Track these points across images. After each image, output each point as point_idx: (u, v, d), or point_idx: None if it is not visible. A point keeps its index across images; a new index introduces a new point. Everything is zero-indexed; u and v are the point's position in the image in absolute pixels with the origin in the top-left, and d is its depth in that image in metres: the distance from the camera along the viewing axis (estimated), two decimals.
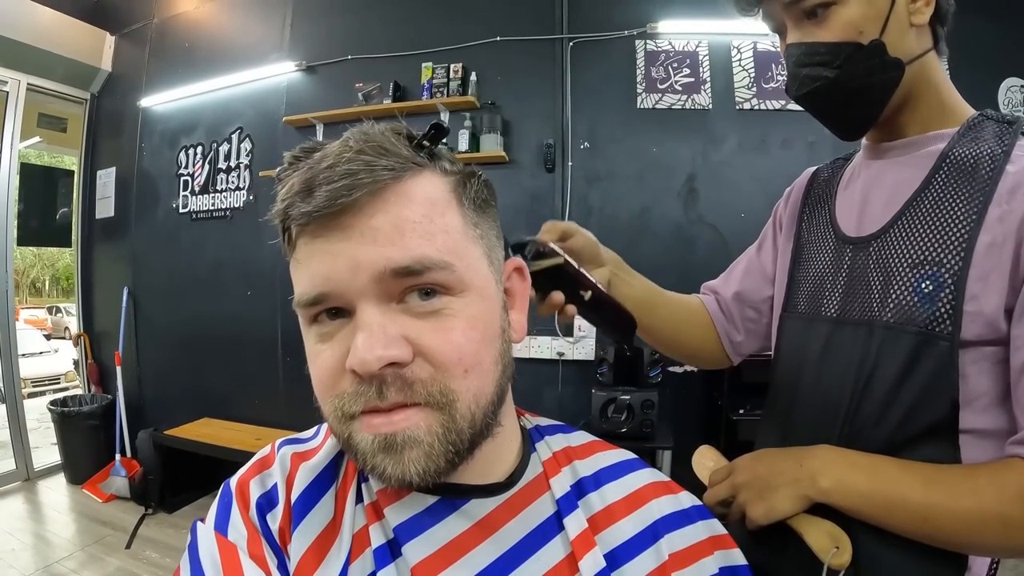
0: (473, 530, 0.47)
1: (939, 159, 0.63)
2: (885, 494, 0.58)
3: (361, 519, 0.47)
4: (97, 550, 2.68)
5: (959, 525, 0.54)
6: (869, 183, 0.72)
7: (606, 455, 0.58)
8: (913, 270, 0.61)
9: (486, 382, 0.44)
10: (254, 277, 3.26)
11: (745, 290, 0.91)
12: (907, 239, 0.63)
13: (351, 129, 0.43)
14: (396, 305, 0.41)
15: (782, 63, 2.77)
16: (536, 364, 2.74)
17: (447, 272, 0.41)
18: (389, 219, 0.40)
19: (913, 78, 0.64)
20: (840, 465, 0.61)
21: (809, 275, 0.77)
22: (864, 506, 0.59)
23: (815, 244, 0.78)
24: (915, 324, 0.60)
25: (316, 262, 0.41)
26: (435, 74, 2.86)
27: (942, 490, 0.56)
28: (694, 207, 2.66)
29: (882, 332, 0.63)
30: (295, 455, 0.50)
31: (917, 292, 0.60)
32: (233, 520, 0.45)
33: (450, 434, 0.41)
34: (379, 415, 0.40)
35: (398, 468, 0.40)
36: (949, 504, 0.55)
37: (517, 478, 0.51)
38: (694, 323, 0.93)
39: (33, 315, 15.95)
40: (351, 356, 0.39)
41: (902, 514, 0.57)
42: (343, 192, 0.38)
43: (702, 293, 0.98)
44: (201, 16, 3.53)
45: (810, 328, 0.75)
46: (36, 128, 3.97)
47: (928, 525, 0.56)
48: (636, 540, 0.51)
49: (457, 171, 0.46)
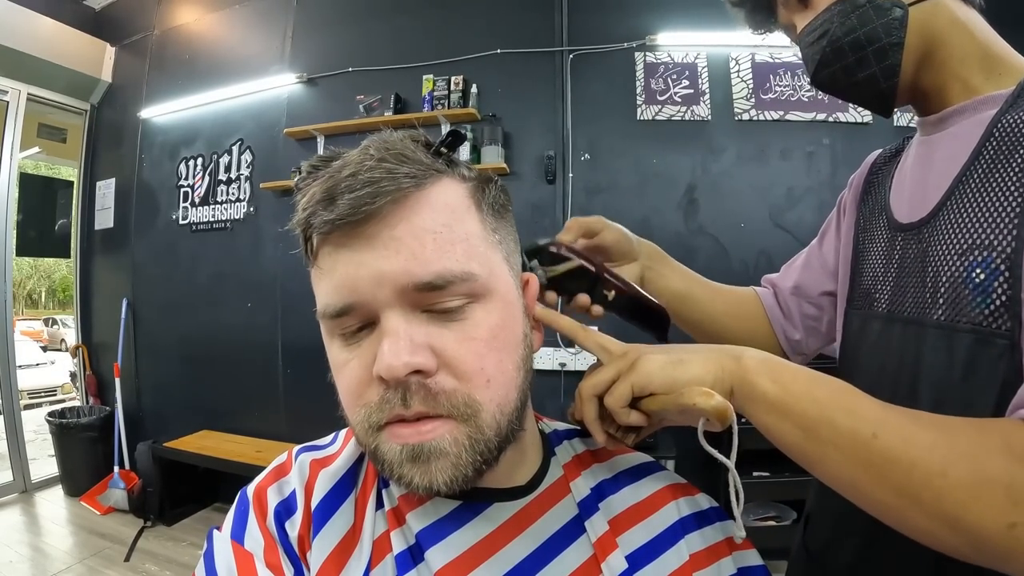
0: (496, 534, 0.47)
1: (988, 127, 0.54)
2: (831, 393, 0.44)
3: (382, 525, 0.47)
4: (96, 563, 2.65)
5: (918, 457, 0.39)
6: (919, 162, 0.64)
7: (625, 458, 0.58)
8: (963, 257, 0.53)
9: (509, 389, 0.44)
10: (254, 289, 3.26)
11: (803, 283, 0.84)
12: (956, 223, 0.55)
13: (370, 137, 0.43)
14: (420, 312, 0.41)
15: (779, 74, 2.75)
16: (538, 375, 2.72)
17: (470, 283, 0.41)
18: (411, 229, 0.40)
19: (927, 23, 0.57)
20: (780, 360, 0.48)
21: (866, 267, 0.70)
22: (796, 401, 0.44)
23: (870, 233, 0.71)
24: (968, 320, 0.51)
25: (340, 272, 0.41)
26: (436, 86, 2.87)
27: (903, 414, 0.43)
28: (694, 218, 2.67)
29: (933, 332, 0.55)
30: (314, 461, 0.50)
31: (968, 282, 0.51)
32: (250, 528, 0.45)
33: (477, 444, 0.42)
34: (406, 425, 0.41)
35: (425, 478, 0.41)
36: (912, 428, 0.41)
37: (538, 481, 0.52)
38: (744, 316, 0.86)
39: (30, 327, 15.84)
40: (378, 362, 0.39)
41: (848, 422, 0.42)
42: (367, 200, 0.38)
43: (761, 285, 0.91)
44: (202, 28, 3.55)
45: (864, 326, 0.68)
46: (36, 138, 3.97)
47: (874, 446, 0.41)
48: (657, 541, 0.51)
49: (474, 177, 0.47)
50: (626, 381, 0.48)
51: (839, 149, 2.57)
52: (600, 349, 0.52)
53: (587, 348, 0.53)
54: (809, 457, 0.44)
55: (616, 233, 0.73)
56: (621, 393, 0.48)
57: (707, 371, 0.47)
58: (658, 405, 0.47)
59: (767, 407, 0.45)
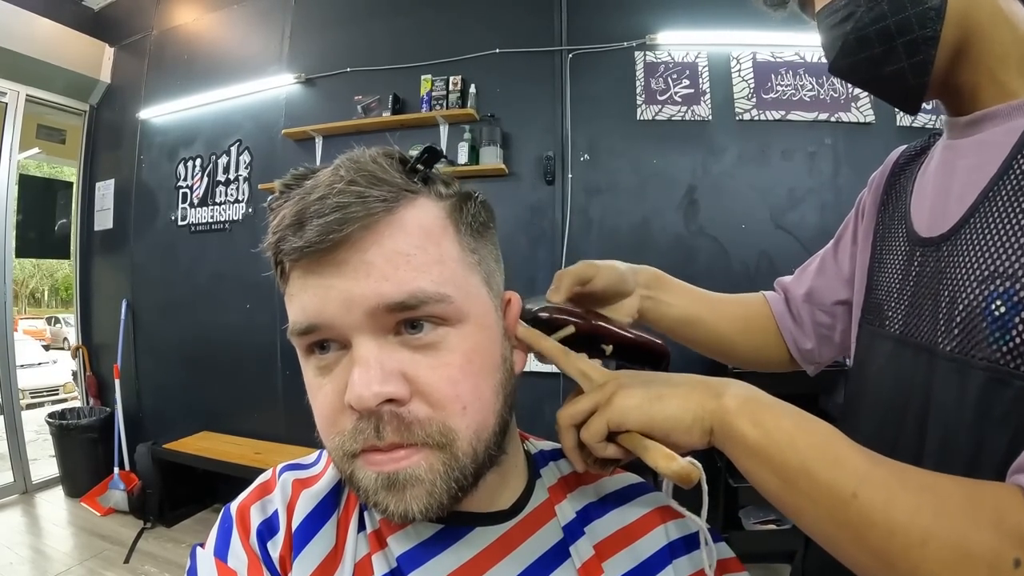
0: (478, 559, 0.46)
1: (1022, 138, 0.48)
2: (815, 443, 0.41)
3: (363, 548, 0.47)
4: (95, 564, 2.66)
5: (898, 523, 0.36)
6: (942, 168, 0.58)
7: (612, 480, 0.57)
8: (982, 285, 0.47)
9: (487, 415, 0.43)
10: (253, 290, 3.25)
11: (817, 290, 0.79)
12: (978, 245, 0.49)
13: (342, 156, 0.42)
14: (393, 337, 0.40)
15: (781, 73, 2.69)
16: (536, 377, 2.72)
17: (444, 304, 0.40)
18: (383, 252, 0.39)
19: (967, 14, 0.50)
20: (763, 401, 0.44)
21: (881, 280, 0.65)
22: (776, 448, 0.41)
23: (888, 243, 0.65)
24: (983, 356, 0.46)
25: (308, 297, 0.40)
26: (434, 86, 2.86)
27: (890, 471, 0.39)
28: (695, 219, 2.66)
29: (944, 364, 0.50)
30: (296, 481, 0.50)
31: (987, 315, 0.46)
32: (233, 546, 0.44)
33: (452, 471, 0.41)
34: (380, 453, 0.40)
35: (400, 505, 0.40)
36: (896, 489, 0.37)
37: (522, 505, 0.51)
38: (752, 331, 0.83)
39: (32, 326, 15.89)
40: (348, 392, 0.38)
41: (828, 476, 0.38)
42: (335, 227, 0.37)
43: (773, 289, 0.87)
44: (200, 28, 3.54)
45: (872, 344, 0.64)
46: (35, 139, 3.96)
47: (852, 506, 0.37)
48: (645, 567, 0.50)
49: (452, 193, 0.45)
50: (601, 417, 0.46)
51: (841, 149, 2.54)
52: (581, 376, 0.50)
53: (568, 373, 0.51)
54: (787, 507, 0.41)
55: (608, 275, 0.68)
56: (596, 429, 0.46)
57: (685, 410, 0.44)
58: (631, 444, 0.45)
59: (746, 451, 0.42)
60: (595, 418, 0.46)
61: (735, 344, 0.82)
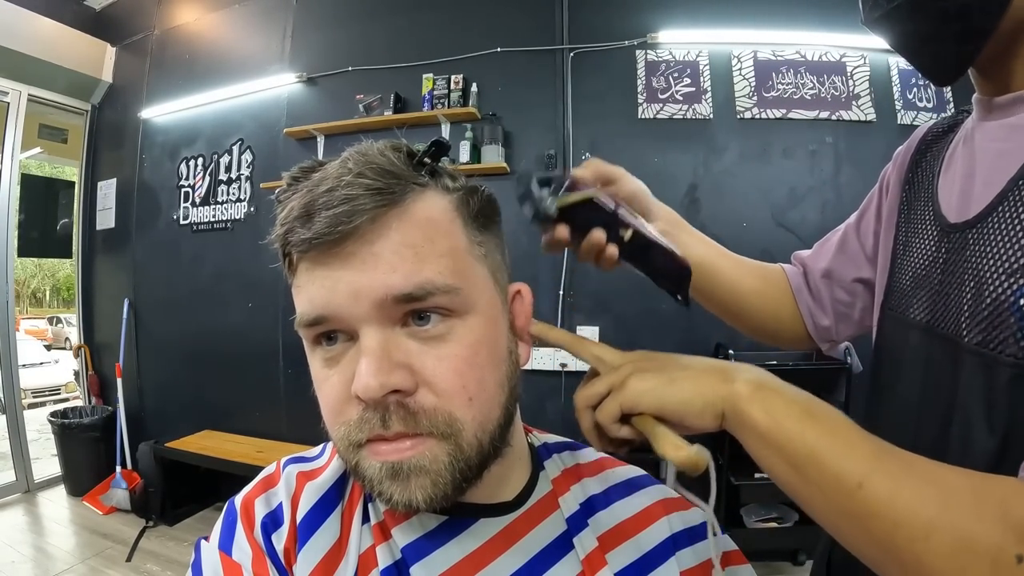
0: (482, 550, 0.47)
1: None
2: (824, 431, 0.40)
3: (368, 539, 0.47)
4: (98, 563, 2.66)
5: (903, 516, 0.36)
6: (973, 151, 0.55)
7: (616, 472, 0.58)
8: (1011, 278, 0.46)
9: (492, 407, 0.43)
10: (255, 289, 3.25)
11: (836, 268, 0.76)
12: (1007, 234, 0.47)
13: (350, 149, 0.42)
14: (400, 329, 0.41)
15: (782, 71, 2.66)
16: (538, 376, 2.73)
17: (451, 296, 0.41)
18: (390, 245, 0.39)
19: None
20: (775, 388, 0.44)
21: (907, 264, 0.62)
22: (786, 436, 0.40)
23: (914, 225, 0.62)
24: (1010, 352, 0.45)
25: (316, 288, 0.40)
26: (436, 85, 2.86)
27: (898, 462, 0.38)
28: (696, 217, 2.65)
29: (969, 358, 0.49)
30: (300, 474, 0.50)
31: (1015, 309, 0.44)
32: (237, 539, 0.45)
33: (457, 462, 0.41)
34: (386, 443, 0.40)
35: (405, 495, 0.40)
36: (903, 480, 0.37)
37: (526, 497, 0.51)
38: (768, 296, 0.80)
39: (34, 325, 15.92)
40: (355, 382, 0.39)
41: (835, 466, 0.38)
42: (343, 219, 0.37)
43: (791, 262, 0.84)
44: (202, 28, 3.54)
45: (897, 330, 0.61)
46: (37, 139, 3.97)
47: (858, 496, 0.37)
48: (648, 558, 0.50)
49: (459, 187, 0.45)
50: (615, 400, 0.46)
51: (842, 147, 2.54)
52: (595, 359, 0.51)
53: (583, 358, 0.52)
54: (798, 494, 0.41)
55: (634, 187, 0.66)
56: (610, 411, 0.46)
57: (697, 394, 0.44)
58: (644, 428, 0.46)
59: (757, 438, 0.42)
60: (609, 400, 0.47)
61: (751, 306, 0.79)
